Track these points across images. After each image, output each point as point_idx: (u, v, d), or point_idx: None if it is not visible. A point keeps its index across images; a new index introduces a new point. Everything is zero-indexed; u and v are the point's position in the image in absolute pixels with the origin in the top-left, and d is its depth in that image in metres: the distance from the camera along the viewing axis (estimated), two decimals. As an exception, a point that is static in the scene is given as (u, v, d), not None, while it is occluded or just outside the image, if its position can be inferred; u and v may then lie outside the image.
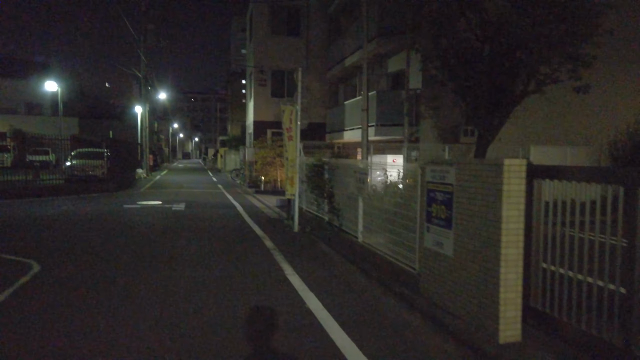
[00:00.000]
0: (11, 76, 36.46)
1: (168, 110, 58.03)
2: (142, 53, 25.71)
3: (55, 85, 27.01)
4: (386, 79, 16.48)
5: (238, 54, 71.96)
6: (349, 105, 17.71)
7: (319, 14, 22.37)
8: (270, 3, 22.01)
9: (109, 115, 43.81)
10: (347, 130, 17.57)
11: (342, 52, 18.54)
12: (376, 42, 14.28)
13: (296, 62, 22.68)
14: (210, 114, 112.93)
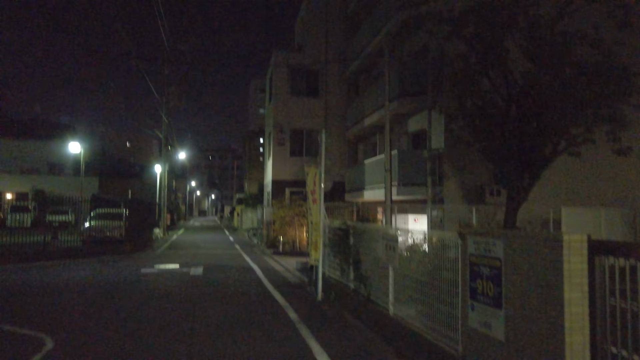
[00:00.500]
0: (36, 137, 37.61)
1: (186, 169, 58.90)
2: (164, 114, 26.33)
3: (79, 147, 27.63)
4: (407, 138, 16.40)
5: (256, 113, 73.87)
6: (369, 164, 17.57)
7: (338, 75, 22.81)
8: (290, 66, 22.56)
9: (129, 174, 44.51)
10: (368, 190, 17.32)
11: (361, 112, 18.66)
12: (397, 102, 14.30)
13: (315, 121, 22.95)
14: (227, 172, 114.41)
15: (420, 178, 13.65)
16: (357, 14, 21.18)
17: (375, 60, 17.91)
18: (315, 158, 23.38)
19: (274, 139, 23.09)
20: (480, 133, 9.55)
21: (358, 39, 19.27)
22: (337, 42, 22.98)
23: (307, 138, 23.39)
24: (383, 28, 15.14)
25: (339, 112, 22.66)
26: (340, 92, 23.01)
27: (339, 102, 22.94)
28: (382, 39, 15.35)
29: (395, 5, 14.22)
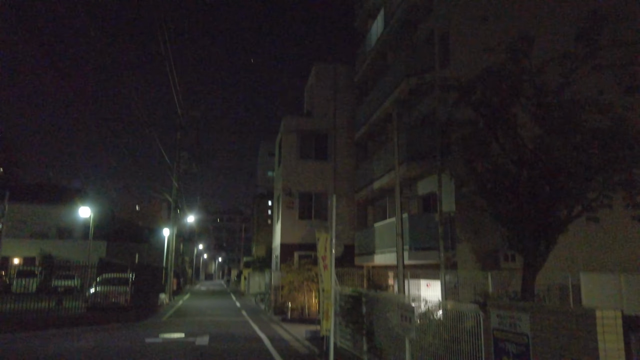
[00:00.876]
0: (46, 202, 37.98)
1: (194, 232, 58.74)
2: (174, 179, 26.61)
3: (89, 211, 27.81)
4: (416, 202, 16.31)
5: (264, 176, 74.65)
6: (378, 227, 17.38)
7: (346, 139, 23.16)
8: (299, 131, 23.01)
9: (137, 238, 44.39)
10: (378, 254, 17.02)
11: (370, 176, 18.73)
12: (405, 165, 14.36)
13: (324, 185, 23.03)
14: (234, 234, 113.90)
15: (432, 242, 13.40)
16: (364, 81, 21.86)
17: (384, 125, 18.23)
18: (324, 221, 23.21)
19: (283, 202, 23.08)
20: (492, 197, 9.44)
21: (366, 105, 19.74)
22: (346, 108, 23.54)
23: (316, 201, 23.37)
24: (391, 95, 15.53)
25: (347, 175, 22.78)
26: (349, 155, 23.26)
27: (347, 166, 23.12)
28: (390, 105, 15.70)
29: (402, 73, 14.65)
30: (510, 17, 13.04)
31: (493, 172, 9.23)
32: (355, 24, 22.94)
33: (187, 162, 29.00)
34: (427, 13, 15.13)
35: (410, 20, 16.00)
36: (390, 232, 15.91)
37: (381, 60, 18.89)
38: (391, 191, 17.68)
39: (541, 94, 8.46)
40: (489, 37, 12.43)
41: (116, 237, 41.09)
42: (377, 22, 18.49)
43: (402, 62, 14.73)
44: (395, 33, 16.76)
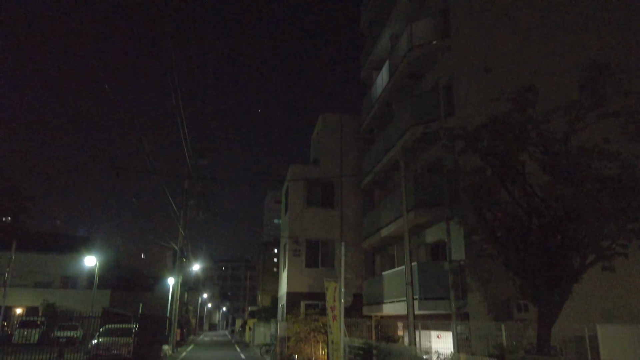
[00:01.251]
0: (51, 251, 37.85)
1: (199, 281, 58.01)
2: (181, 227, 26.58)
3: (94, 260, 27.64)
4: (425, 249, 16.13)
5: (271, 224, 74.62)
6: (387, 276, 17.11)
7: (353, 186, 23.24)
8: (306, 179, 23.16)
9: (141, 287, 43.81)
10: (387, 303, 16.65)
11: (377, 223, 18.64)
12: (413, 213, 14.31)
13: (331, 232, 22.88)
14: (239, 283, 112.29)
15: (442, 291, 13.13)
16: (370, 130, 22.21)
17: (390, 173, 18.33)
18: (331, 269, 22.90)
19: (289, 250, 22.88)
20: (503, 245, 9.34)
21: (372, 153, 19.94)
22: (352, 156, 23.77)
23: (323, 249, 23.15)
24: (397, 143, 15.71)
25: (354, 223, 22.69)
26: (355, 202, 23.25)
27: (354, 213, 23.06)
28: (396, 153, 15.85)
29: (407, 122, 14.90)
30: (513, 67, 13.38)
31: (503, 220, 9.18)
32: (360, 76, 23.57)
33: (193, 210, 29.04)
34: (430, 65, 15.55)
35: (414, 72, 16.44)
36: (399, 281, 15.63)
37: (386, 110, 19.26)
38: (399, 239, 17.52)
39: (548, 142, 8.55)
40: (492, 88, 12.69)
41: (120, 286, 40.60)
42: (382, 74, 18.99)
43: (408, 112, 15.00)
44: (399, 84, 17.18)
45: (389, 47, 19.25)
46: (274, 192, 79.74)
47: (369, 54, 21.50)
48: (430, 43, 15.12)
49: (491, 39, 14.00)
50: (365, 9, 22.65)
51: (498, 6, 14.38)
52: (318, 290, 22.73)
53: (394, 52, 17.54)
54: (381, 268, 20.12)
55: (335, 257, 23.15)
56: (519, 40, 14.05)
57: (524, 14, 14.40)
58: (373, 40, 20.99)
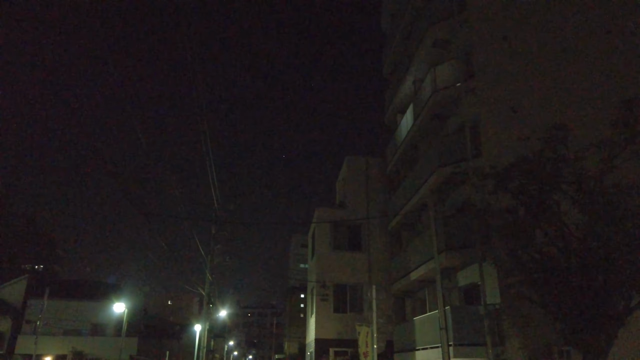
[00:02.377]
0: (82, 298, 38.21)
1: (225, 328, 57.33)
2: (208, 272, 26.63)
3: (123, 307, 27.76)
4: (458, 293, 15.67)
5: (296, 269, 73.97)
6: (418, 321, 16.58)
7: (380, 229, 23.04)
8: (332, 222, 23.10)
9: (168, 335, 43.50)
10: (420, 350, 16.04)
11: (406, 266, 18.30)
12: (444, 255, 14.03)
13: (358, 276, 22.53)
14: (265, 330, 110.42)
15: (477, 337, 12.63)
16: (396, 172, 22.21)
17: (418, 215, 18.16)
18: (360, 314, 22.40)
19: (317, 295, 22.54)
20: (541, 287, 9.01)
21: (399, 195, 19.85)
22: (378, 199, 23.70)
23: (351, 293, 22.74)
24: (424, 185, 15.64)
25: (382, 266, 22.33)
26: (383, 245, 22.97)
27: (382, 256, 22.74)
28: (424, 194, 15.75)
29: (434, 163, 14.88)
30: (541, 106, 13.37)
31: (539, 262, 8.89)
32: (385, 119, 23.85)
33: (220, 255, 29.14)
34: (455, 107, 15.67)
35: (439, 114, 16.56)
36: (431, 326, 15.13)
37: (412, 152, 19.31)
38: (430, 282, 17.11)
39: (582, 179, 8.38)
40: (520, 127, 12.68)
41: (148, 333, 40.40)
42: (406, 117, 19.19)
43: (434, 153, 15.02)
44: (424, 126, 17.29)
45: (412, 90, 19.54)
46: (299, 237, 79.49)
47: (393, 98, 21.82)
48: (454, 85, 15.30)
49: (516, 79, 14.09)
50: (388, 55, 23.20)
51: (522, 47, 14.54)
52: (347, 337, 22.15)
53: (418, 95, 17.78)
54: (412, 313, 19.55)
55: (364, 302, 22.73)
56: (546, 79, 14.09)
57: (548, 53, 14.50)
58: (396, 85, 21.36)
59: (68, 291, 38.84)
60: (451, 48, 16.51)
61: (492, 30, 14.90)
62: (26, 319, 35.05)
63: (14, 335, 34.53)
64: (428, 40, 16.93)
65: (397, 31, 21.58)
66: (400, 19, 21.39)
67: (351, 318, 22.24)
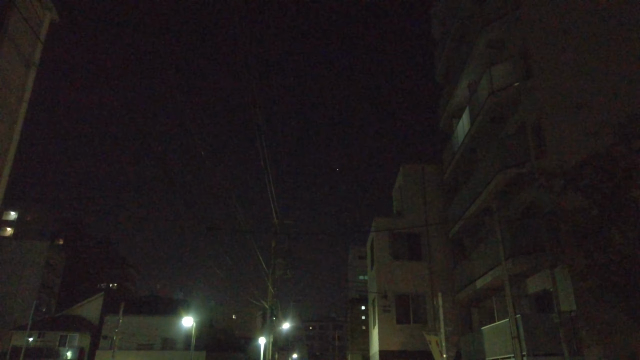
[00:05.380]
0: (152, 313, 39.93)
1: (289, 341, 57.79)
2: (270, 285, 27.06)
3: (192, 321, 28.69)
4: (528, 301, 14.96)
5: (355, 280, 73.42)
6: (487, 331, 15.96)
7: (440, 237, 22.53)
8: (391, 232, 22.86)
9: (234, 348, 44.45)
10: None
11: (470, 274, 17.73)
12: (511, 261, 13.47)
13: (420, 286, 22.07)
14: (327, 343, 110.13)
15: (552, 347, 11.98)
16: (454, 178, 21.70)
17: (480, 220, 17.59)
18: (424, 325, 21.86)
19: (378, 306, 22.27)
20: (623, 292, 8.45)
21: (458, 200, 19.37)
22: (436, 206, 23.21)
23: (414, 304, 22.29)
24: (486, 188, 15.17)
25: (444, 275, 21.76)
26: (444, 253, 22.42)
27: (443, 264, 22.18)
28: (486, 198, 15.28)
29: (495, 166, 14.41)
30: (607, 101, 12.66)
31: (619, 264, 8.36)
32: (439, 125, 23.44)
33: (281, 269, 29.56)
34: (513, 107, 15.15)
35: (497, 116, 16.07)
36: (501, 336, 14.52)
37: (470, 156, 18.82)
38: (497, 290, 16.47)
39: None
40: (586, 123, 12.08)
41: (215, 346, 41.49)
42: (462, 121, 18.76)
43: (494, 156, 14.56)
44: (482, 129, 16.82)
45: (467, 94, 19.12)
46: (357, 248, 78.99)
47: (447, 103, 21.43)
48: (512, 85, 14.82)
49: (579, 74, 13.45)
50: (440, 60, 22.87)
51: (583, 40, 13.89)
52: (412, 349, 21.68)
53: (474, 98, 17.36)
54: (479, 323, 18.86)
55: (427, 312, 22.21)
56: (611, 71, 13.36)
57: (612, 43, 13.75)
58: (450, 89, 20.97)
59: (140, 307, 40.77)
60: (506, 48, 16.04)
61: (550, 25, 14.36)
62: (103, 335, 37.05)
63: (92, 351, 36.59)
64: (482, 42, 16.54)
65: (448, 35, 21.26)
66: (450, 23, 21.08)
67: (415, 329, 21.77)
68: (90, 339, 38.09)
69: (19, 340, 34.52)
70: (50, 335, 37.24)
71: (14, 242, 51.90)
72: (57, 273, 52.91)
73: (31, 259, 47.84)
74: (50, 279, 50.72)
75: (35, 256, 48.24)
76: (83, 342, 37.88)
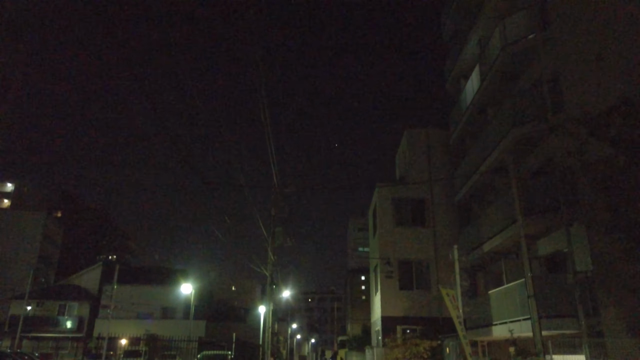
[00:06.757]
0: (153, 284, 39.79)
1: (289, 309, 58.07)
2: (270, 251, 26.73)
3: (190, 288, 28.40)
4: (538, 263, 14.49)
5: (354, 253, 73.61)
6: (494, 295, 15.56)
7: (445, 202, 22.04)
8: (394, 198, 22.33)
9: (233, 317, 44.52)
10: (497, 325, 15.07)
11: (477, 238, 17.24)
12: (524, 222, 12.93)
13: (424, 252, 21.71)
14: (326, 314, 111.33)
15: (566, 308, 11.56)
16: (461, 140, 21.02)
17: (489, 182, 17.00)
18: (427, 292, 21.56)
19: (382, 272, 21.90)
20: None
21: (466, 163, 18.73)
22: (441, 171, 22.63)
23: (417, 270, 21.96)
24: (497, 147, 14.51)
25: (448, 240, 21.28)
26: (448, 219, 21.96)
27: (447, 230, 21.75)
28: (497, 156, 14.65)
29: (508, 123, 13.72)
30: (629, 51, 11.86)
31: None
32: (445, 87, 22.60)
33: (281, 237, 29.21)
34: (527, 62, 14.38)
35: (510, 72, 15.29)
36: (510, 299, 14.11)
37: (479, 117, 18.09)
38: (506, 253, 16.03)
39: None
40: (607, 75, 11.36)
41: (214, 317, 41.52)
42: (471, 80, 17.97)
43: (508, 112, 13.85)
44: (494, 87, 16.05)
45: (477, 51, 18.27)
46: (356, 221, 78.82)
47: (455, 62, 20.56)
48: (527, 38, 14.01)
49: (599, 23, 12.60)
50: (448, 17, 21.86)
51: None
52: (414, 314, 21.43)
53: (485, 54, 16.54)
54: (485, 288, 18.48)
55: (431, 278, 21.85)
56: (635, 18, 12.50)
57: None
58: (459, 48, 20.07)
59: (139, 277, 40.58)
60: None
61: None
62: (102, 304, 36.90)
63: (92, 320, 36.51)
64: (494, -7, 15.64)
65: (457, -10, 20.24)
66: (459, -24, 20.02)
67: (418, 295, 21.48)
68: (89, 308, 37.99)
69: (17, 309, 34.31)
70: (49, 304, 37.10)
71: (11, 213, 51.44)
72: (56, 244, 52.62)
73: (29, 230, 47.43)
74: (49, 250, 50.44)
75: (32, 227, 47.81)
76: (82, 311, 37.78)
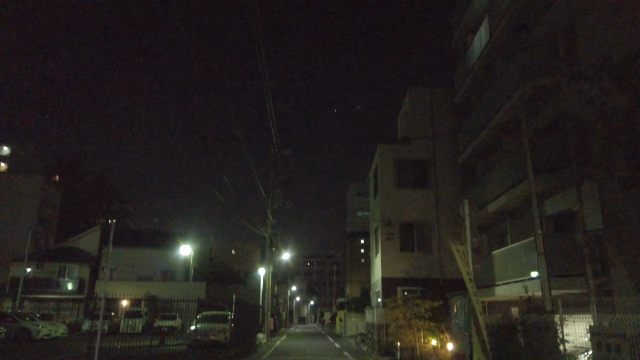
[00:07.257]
0: (152, 246, 39.81)
1: (289, 271, 58.62)
2: (269, 212, 26.49)
3: (189, 249, 28.27)
4: (546, 223, 14.14)
5: (354, 217, 73.85)
6: (498, 255, 15.32)
7: (448, 164, 21.57)
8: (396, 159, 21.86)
9: (233, 280, 44.87)
10: (500, 285, 14.90)
11: (482, 199, 16.84)
12: (529, 181, 12.47)
13: (425, 214, 21.40)
14: (325, 278, 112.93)
15: (574, 267, 11.27)
16: (467, 99, 20.35)
17: (496, 140, 16.48)
18: (428, 253, 21.39)
19: (382, 234, 21.66)
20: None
21: (472, 122, 18.12)
22: (445, 131, 22.05)
23: (418, 232, 21.70)
24: (507, 102, 13.89)
25: (451, 202, 20.95)
26: (451, 180, 21.54)
27: (450, 192, 21.37)
28: (507, 112, 14.06)
29: (519, 77, 13.06)
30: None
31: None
32: (452, 43, 21.70)
33: (280, 199, 28.94)
34: (540, 11, 13.58)
35: (521, 24, 14.51)
36: (515, 259, 13.86)
37: (487, 73, 17.38)
38: (511, 214, 15.69)
39: None
40: (624, 24, 10.65)
41: (214, 279, 41.79)
42: (479, 34, 17.15)
43: (520, 65, 13.16)
44: (503, 40, 15.30)
45: (486, 2, 17.34)
46: (356, 185, 78.70)
47: (462, 16, 19.63)
48: (541, -15, 13.17)
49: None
50: (455, -32, 20.77)
51: None
52: (415, 275, 21.33)
53: (494, 5, 15.68)
54: (488, 249, 18.24)
55: (432, 240, 21.65)
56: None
57: None
58: (467, 0, 19.10)
59: (139, 240, 40.58)
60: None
61: None
62: (102, 267, 36.97)
63: (92, 282, 36.64)
64: (506, -62, 14.65)
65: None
66: None
67: (419, 257, 21.33)
68: (89, 270, 38.09)
69: (17, 271, 34.32)
70: (49, 266, 37.13)
71: (8, 177, 50.99)
72: (54, 208, 52.40)
73: (27, 193, 47.05)
74: (48, 213, 50.26)
75: (31, 191, 47.42)
76: (83, 274, 37.89)
